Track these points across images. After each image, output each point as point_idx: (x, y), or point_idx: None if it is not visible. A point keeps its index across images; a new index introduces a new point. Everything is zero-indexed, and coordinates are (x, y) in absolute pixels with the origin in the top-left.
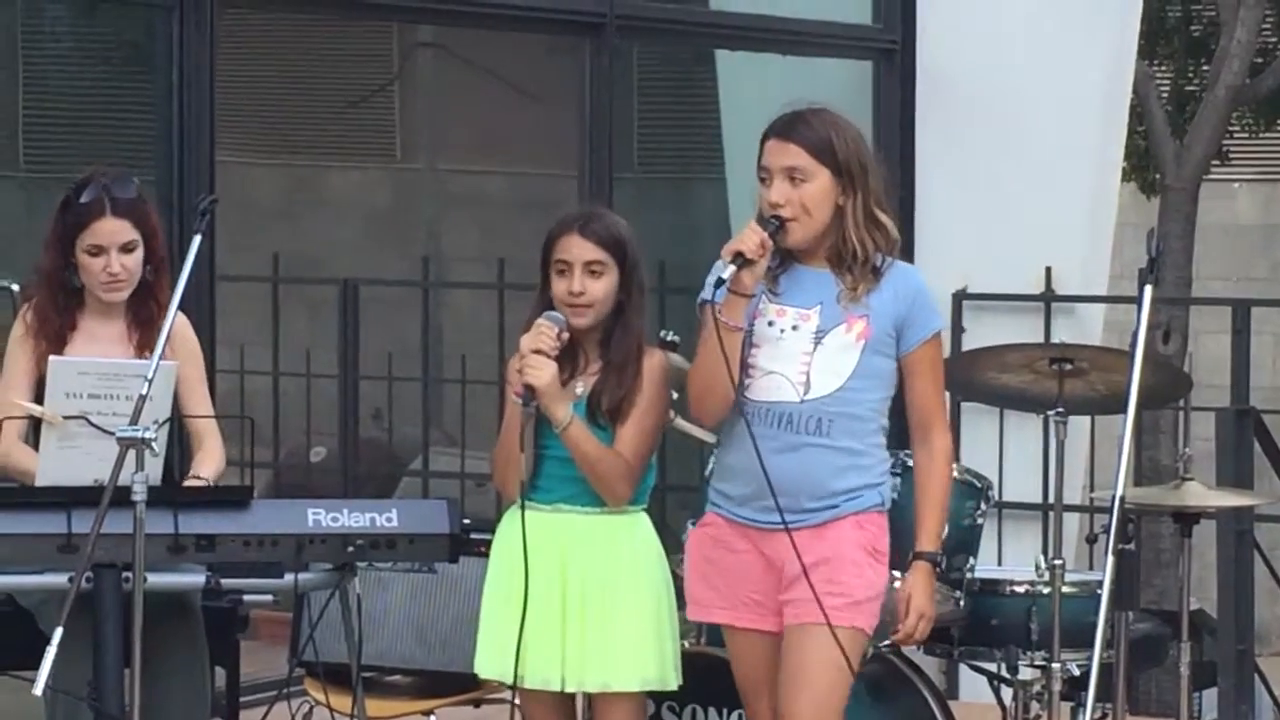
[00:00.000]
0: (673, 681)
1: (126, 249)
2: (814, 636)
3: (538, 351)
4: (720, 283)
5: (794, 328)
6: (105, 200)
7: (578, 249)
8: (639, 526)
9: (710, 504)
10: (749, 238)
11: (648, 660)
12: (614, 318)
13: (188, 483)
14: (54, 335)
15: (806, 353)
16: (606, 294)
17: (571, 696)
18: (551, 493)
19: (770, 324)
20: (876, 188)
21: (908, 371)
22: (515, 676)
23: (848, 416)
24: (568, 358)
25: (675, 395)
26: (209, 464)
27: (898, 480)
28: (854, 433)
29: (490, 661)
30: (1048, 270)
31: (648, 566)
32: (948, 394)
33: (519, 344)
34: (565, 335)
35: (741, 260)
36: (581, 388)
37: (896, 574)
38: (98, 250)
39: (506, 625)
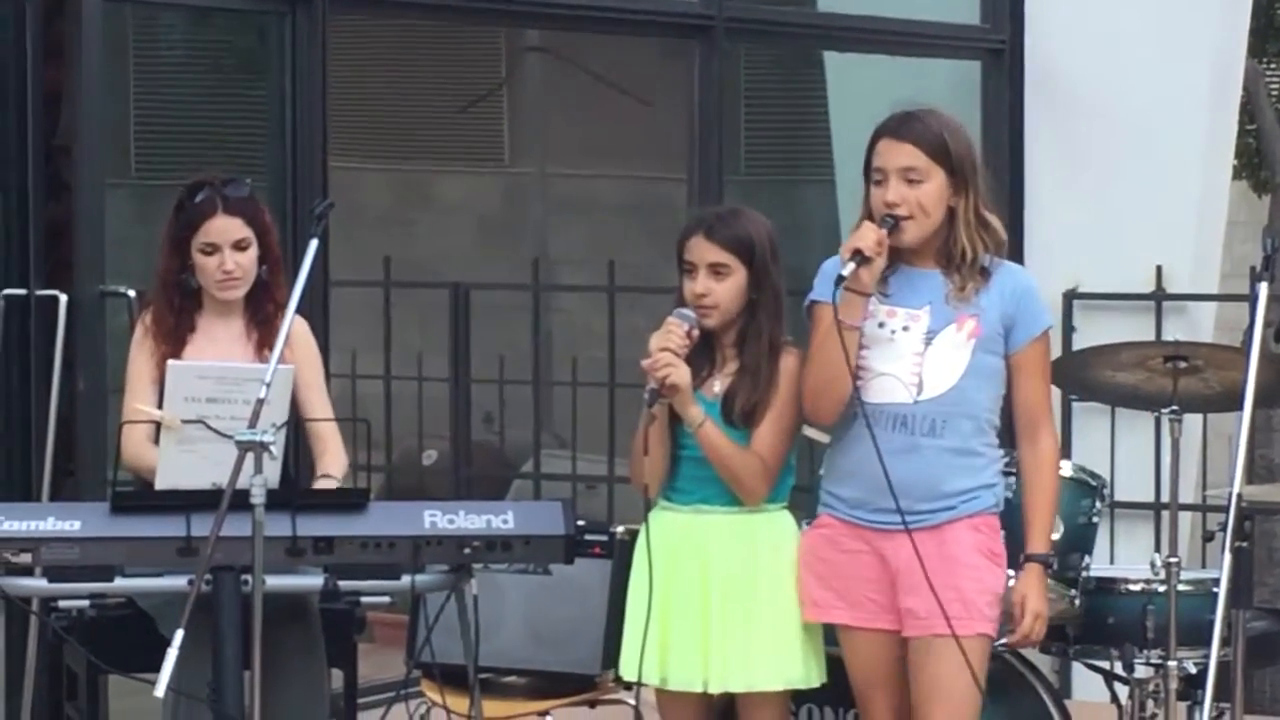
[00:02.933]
0: (816, 679)
1: (240, 246)
2: (942, 649)
3: (665, 349)
4: (840, 280)
5: (905, 328)
6: (217, 199)
7: (701, 250)
8: (780, 523)
9: (822, 505)
10: (866, 235)
11: (793, 658)
12: (747, 318)
13: (317, 483)
14: (172, 337)
15: (918, 353)
16: (732, 295)
17: (711, 697)
18: (690, 494)
19: (881, 325)
20: (984, 188)
21: (1015, 370)
22: (639, 676)
23: (961, 416)
24: (705, 356)
25: None
26: (335, 464)
27: (1012, 480)
28: (967, 432)
29: (635, 664)
30: (1158, 269)
31: (791, 563)
32: (1059, 392)
33: (649, 343)
34: (695, 333)
35: (860, 258)
36: (719, 386)
37: (1011, 573)
38: (212, 249)
39: (652, 628)
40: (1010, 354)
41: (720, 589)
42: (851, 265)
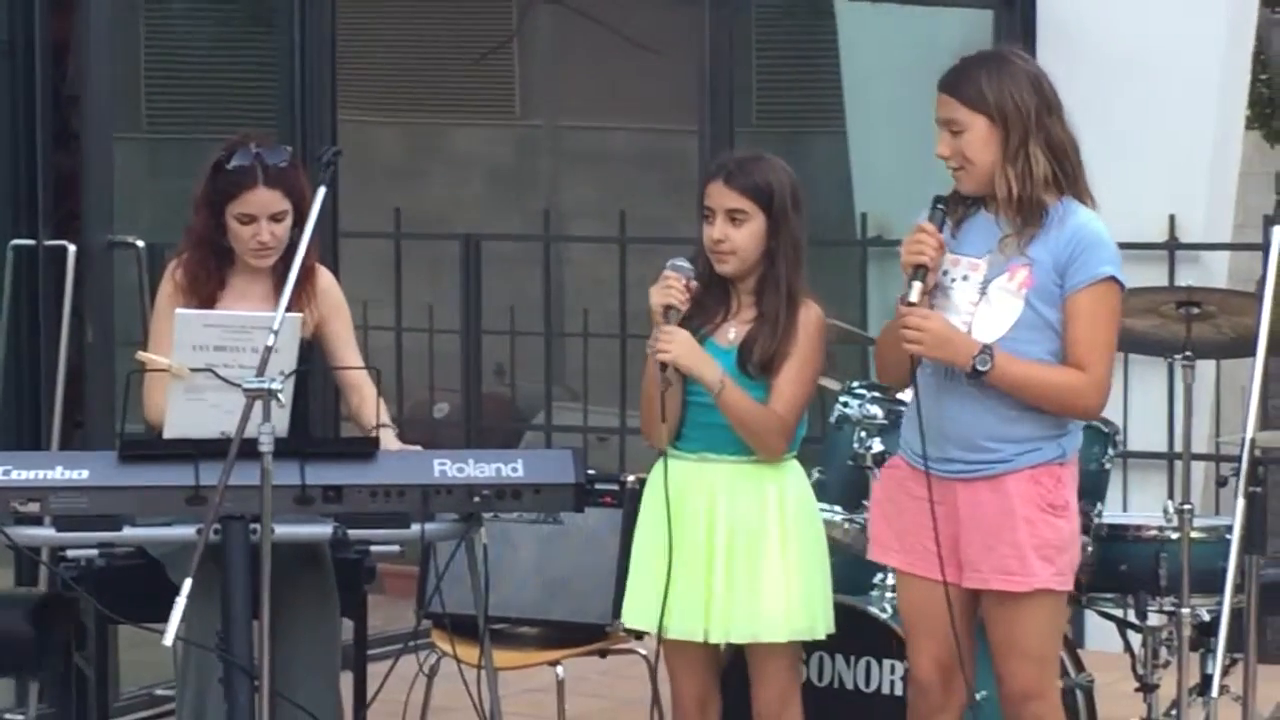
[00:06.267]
0: (822, 631)
1: (276, 218)
2: (1009, 606)
3: (668, 307)
4: (907, 304)
5: (964, 278)
6: (258, 170)
7: (720, 196)
8: (788, 474)
9: (900, 448)
10: (925, 244)
11: (796, 610)
12: (765, 266)
13: (375, 433)
14: (204, 294)
15: (973, 303)
16: (749, 242)
17: (716, 647)
18: (696, 441)
19: (945, 273)
20: (1043, 129)
21: (1065, 316)
22: (661, 627)
23: None
24: (719, 302)
25: None
26: (384, 412)
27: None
28: None
29: (637, 612)
30: (1171, 218)
31: (797, 514)
32: None
33: (650, 297)
34: (694, 284)
35: (923, 273)
36: (734, 333)
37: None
38: (248, 219)
39: (653, 577)
40: (1062, 301)
41: (726, 538)
42: (918, 285)
